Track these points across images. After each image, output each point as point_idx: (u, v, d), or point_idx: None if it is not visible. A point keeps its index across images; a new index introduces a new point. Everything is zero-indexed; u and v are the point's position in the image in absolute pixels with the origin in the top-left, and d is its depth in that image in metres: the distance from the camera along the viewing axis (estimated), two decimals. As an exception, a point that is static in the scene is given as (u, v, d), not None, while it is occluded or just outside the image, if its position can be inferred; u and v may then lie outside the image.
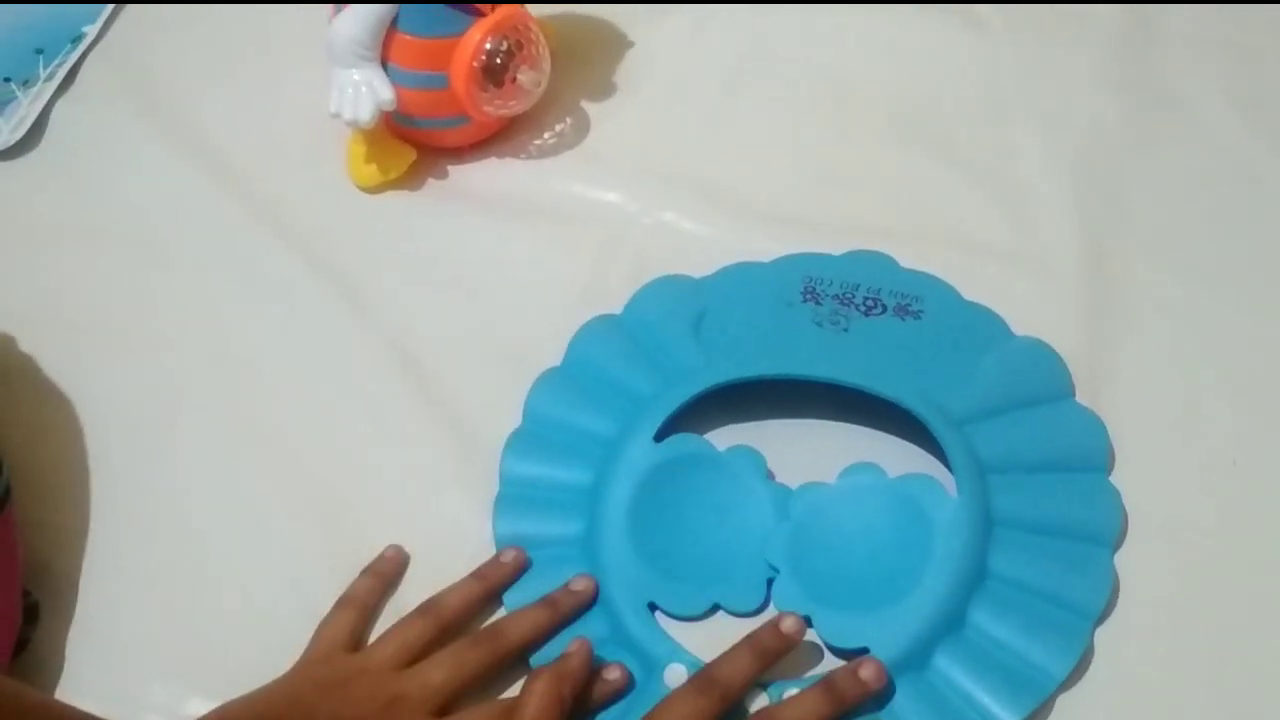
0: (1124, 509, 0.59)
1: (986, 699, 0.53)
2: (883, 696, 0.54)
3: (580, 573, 0.58)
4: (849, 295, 0.65)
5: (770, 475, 0.59)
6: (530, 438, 0.63)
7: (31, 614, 0.58)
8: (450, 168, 0.75)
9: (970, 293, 0.66)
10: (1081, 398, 0.63)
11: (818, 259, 0.67)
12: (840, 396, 0.61)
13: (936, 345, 0.63)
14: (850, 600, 0.56)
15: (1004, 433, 0.60)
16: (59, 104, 0.80)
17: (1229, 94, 0.75)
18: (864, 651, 0.54)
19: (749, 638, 0.54)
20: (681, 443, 0.60)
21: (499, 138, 0.75)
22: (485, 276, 0.70)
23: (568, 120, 0.77)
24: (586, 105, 0.77)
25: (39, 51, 0.82)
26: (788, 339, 0.64)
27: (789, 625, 0.54)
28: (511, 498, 0.61)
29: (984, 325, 0.65)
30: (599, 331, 0.66)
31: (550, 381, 0.65)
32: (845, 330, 0.63)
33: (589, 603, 0.57)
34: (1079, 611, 0.56)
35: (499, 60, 0.69)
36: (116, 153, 0.77)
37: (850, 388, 0.60)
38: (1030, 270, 0.68)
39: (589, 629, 0.57)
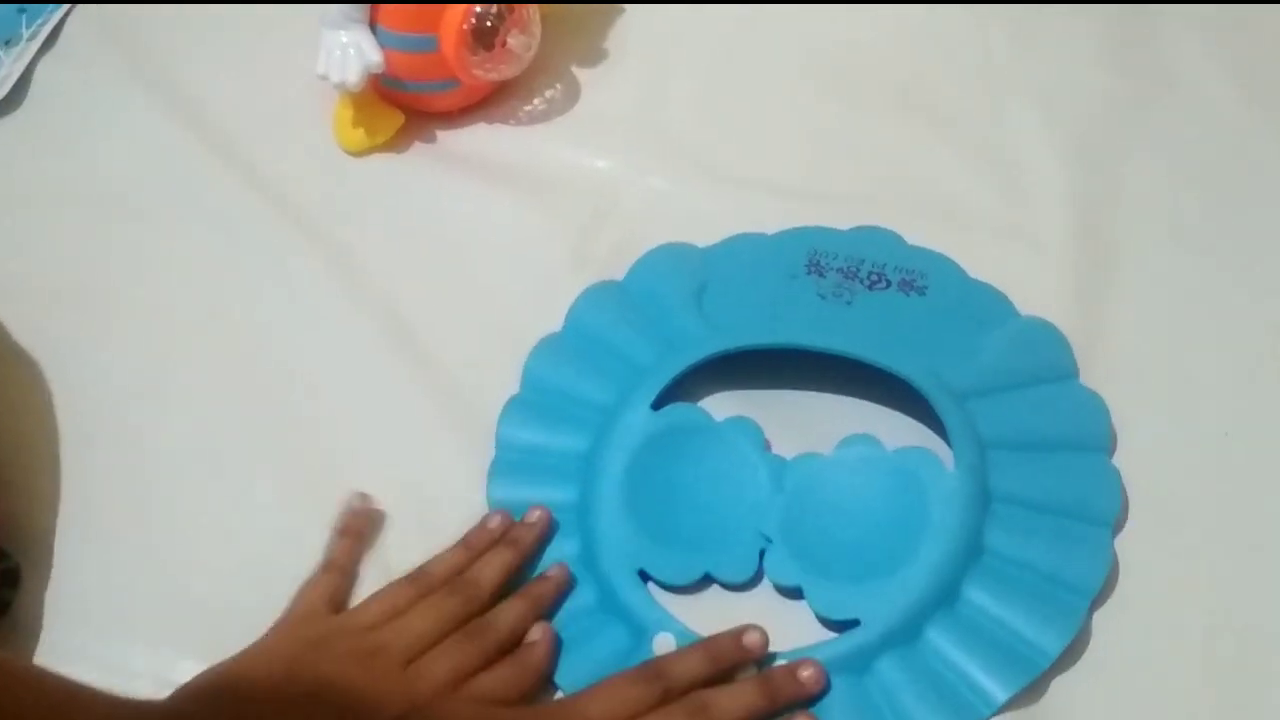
0: (1124, 490, 0.58)
1: (978, 673, 0.53)
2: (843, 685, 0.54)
3: (571, 538, 0.58)
4: (853, 269, 0.64)
5: (767, 446, 0.59)
6: (528, 405, 0.63)
7: (11, 577, 0.58)
8: (439, 132, 0.74)
9: (965, 266, 0.65)
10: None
11: (824, 233, 0.67)
12: (841, 369, 0.60)
13: (940, 321, 0.63)
14: (843, 572, 0.55)
15: (1005, 410, 0.59)
16: (42, 63, 0.79)
17: (1227, 68, 0.75)
18: (855, 624, 0.54)
19: (708, 641, 0.54)
20: (678, 412, 0.59)
21: (489, 103, 0.75)
22: (473, 242, 0.70)
23: (558, 86, 0.76)
24: (578, 71, 0.77)
25: (21, 10, 0.80)
26: (790, 310, 0.63)
27: (751, 639, 0.54)
28: (508, 463, 0.61)
29: (989, 303, 0.64)
30: (600, 298, 0.66)
31: (550, 348, 0.64)
32: (849, 304, 0.63)
33: (545, 534, 0.58)
34: (1075, 590, 0.55)
35: (489, 23, 0.68)
36: (101, 113, 0.76)
37: (851, 360, 0.59)
38: (1026, 245, 0.67)
39: (579, 595, 0.57)
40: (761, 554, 0.57)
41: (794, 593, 0.56)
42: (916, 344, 0.61)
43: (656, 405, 0.59)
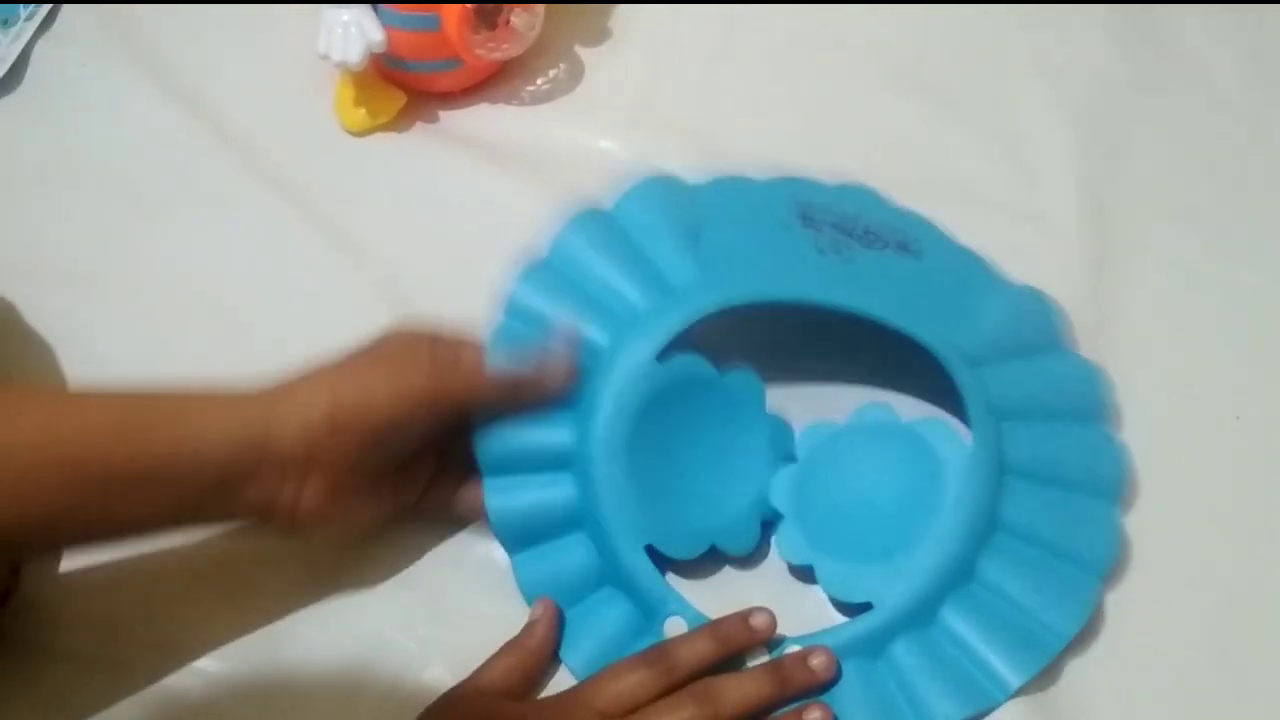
0: (1133, 466, 0.58)
1: (994, 658, 0.53)
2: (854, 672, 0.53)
3: (562, 486, 0.56)
4: (848, 225, 0.62)
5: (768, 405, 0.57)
6: (513, 335, 0.58)
7: (12, 568, 0.57)
8: (441, 112, 0.74)
9: (971, 244, 0.65)
10: (1083, 350, 0.62)
11: (807, 185, 0.64)
12: (843, 330, 0.58)
13: (939, 285, 0.61)
14: (855, 550, 0.55)
15: (1013, 379, 0.58)
16: (39, 44, 0.78)
17: (1232, 46, 0.75)
18: (867, 607, 0.54)
19: (715, 624, 0.54)
20: (683, 364, 0.56)
21: (491, 82, 0.74)
22: (475, 223, 0.69)
23: (561, 66, 0.75)
24: (580, 51, 0.76)
25: (19, -10, 0.80)
26: (792, 263, 0.60)
27: (759, 621, 0.53)
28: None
29: (979, 269, 0.63)
30: (589, 227, 0.62)
31: (535, 275, 0.61)
32: (849, 261, 0.60)
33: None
34: (1089, 569, 0.55)
35: (492, 2, 0.68)
36: (99, 94, 0.75)
37: (861, 320, 0.57)
38: (1031, 222, 0.67)
39: (580, 558, 0.56)
40: (766, 526, 0.56)
41: (805, 572, 0.56)
42: (920, 307, 0.58)
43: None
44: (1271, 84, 0.73)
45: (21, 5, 0.79)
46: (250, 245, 0.69)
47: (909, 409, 0.58)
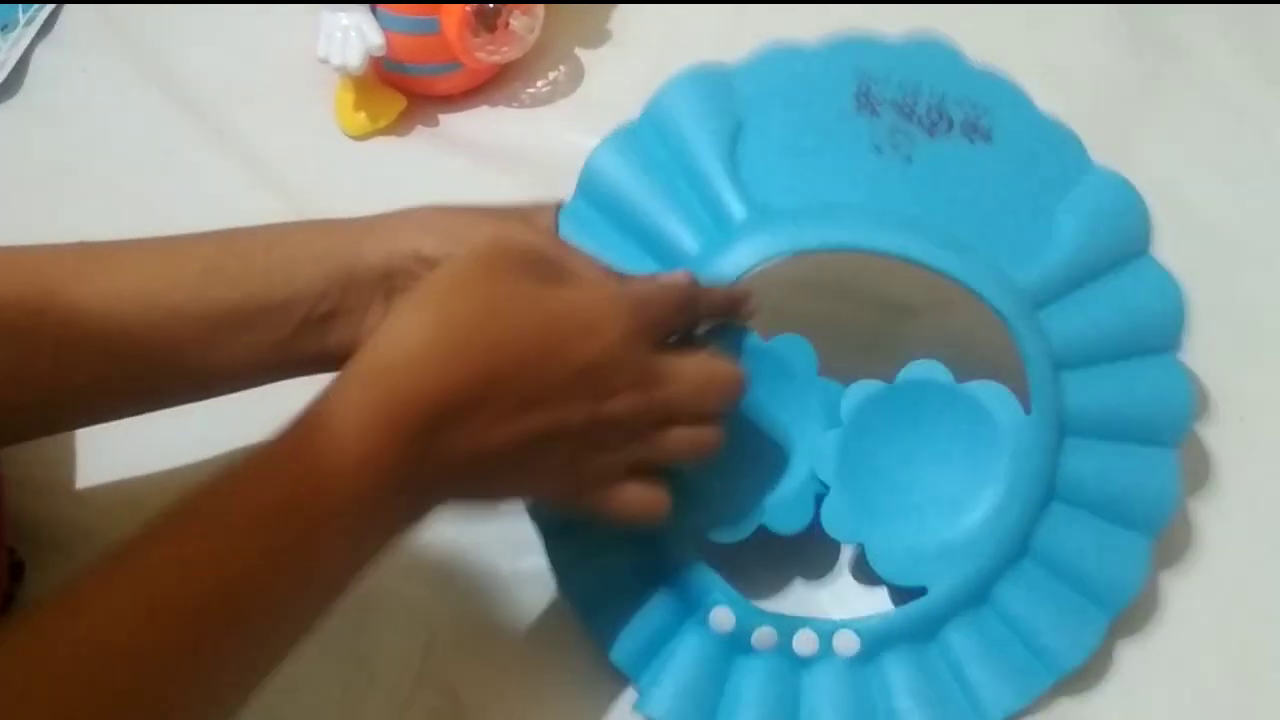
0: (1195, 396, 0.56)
1: (1049, 637, 0.51)
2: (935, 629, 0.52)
3: None
4: (909, 103, 0.55)
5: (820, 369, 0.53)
6: None
7: (16, 571, 0.57)
8: (441, 116, 0.74)
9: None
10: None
11: (872, 47, 0.57)
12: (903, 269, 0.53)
13: (1008, 183, 0.54)
14: (905, 526, 0.52)
15: (1079, 315, 0.53)
16: (39, 48, 0.78)
17: (1236, 45, 0.74)
18: (922, 592, 0.52)
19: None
20: (727, 336, 0.52)
21: (491, 85, 0.74)
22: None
23: (561, 68, 0.75)
24: (580, 53, 0.76)
25: (18, -5, 0.80)
26: (843, 177, 0.54)
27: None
28: None
29: (1061, 150, 0.56)
30: (621, 155, 0.57)
31: (571, 219, 0.57)
32: (908, 159, 0.54)
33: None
34: (1148, 526, 0.53)
35: (492, 5, 0.68)
36: (98, 98, 0.75)
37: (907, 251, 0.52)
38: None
39: (620, 549, 0.53)
40: (818, 501, 0.53)
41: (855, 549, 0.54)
42: (985, 224, 0.53)
43: None
44: (1274, 83, 0.73)
45: (20, 10, 0.79)
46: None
47: (963, 361, 0.53)
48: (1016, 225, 0.54)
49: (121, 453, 0.62)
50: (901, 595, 0.54)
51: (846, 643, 0.52)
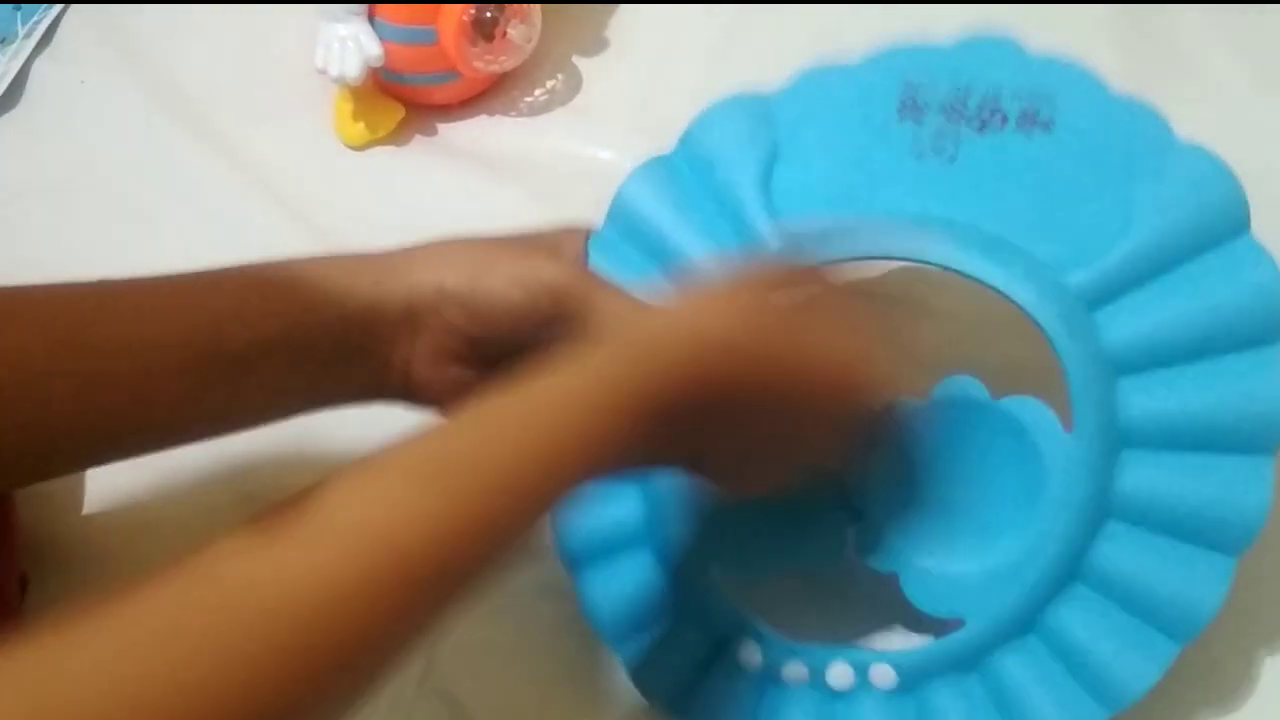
0: None
1: (1113, 662, 0.47)
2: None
3: (629, 498, 0.52)
4: (959, 103, 0.52)
5: None
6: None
7: (21, 585, 0.57)
8: (439, 125, 0.74)
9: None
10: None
11: (922, 54, 0.54)
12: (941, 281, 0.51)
13: (1072, 172, 0.50)
14: (942, 553, 0.49)
15: (1149, 309, 0.48)
16: (38, 61, 0.78)
17: (1236, 49, 0.74)
18: (960, 623, 0.48)
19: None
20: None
21: (489, 94, 0.74)
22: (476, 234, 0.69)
23: (559, 76, 0.75)
24: (579, 61, 0.76)
25: (16, 8, 0.80)
26: (876, 187, 0.52)
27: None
28: None
29: (1139, 131, 0.51)
30: (651, 186, 0.56)
31: (601, 247, 0.56)
32: (952, 159, 0.51)
33: None
34: (1225, 548, 0.47)
35: (489, 14, 0.68)
36: (98, 110, 0.75)
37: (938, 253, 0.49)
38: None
39: (646, 575, 0.52)
40: (851, 528, 0.50)
41: (890, 579, 0.51)
42: (1038, 220, 0.49)
43: None
44: (1275, 84, 0.73)
45: (20, 22, 0.79)
46: (249, 258, 0.68)
47: (1000, 373, 0.50)
48: (1078, 218, 0.49)
49: (129, 470, 0.61)
50: (942, 624, 0.50)
51: (883, 675, 0.49)
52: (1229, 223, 0.49)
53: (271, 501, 0.37)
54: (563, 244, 0.55)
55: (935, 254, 0.49)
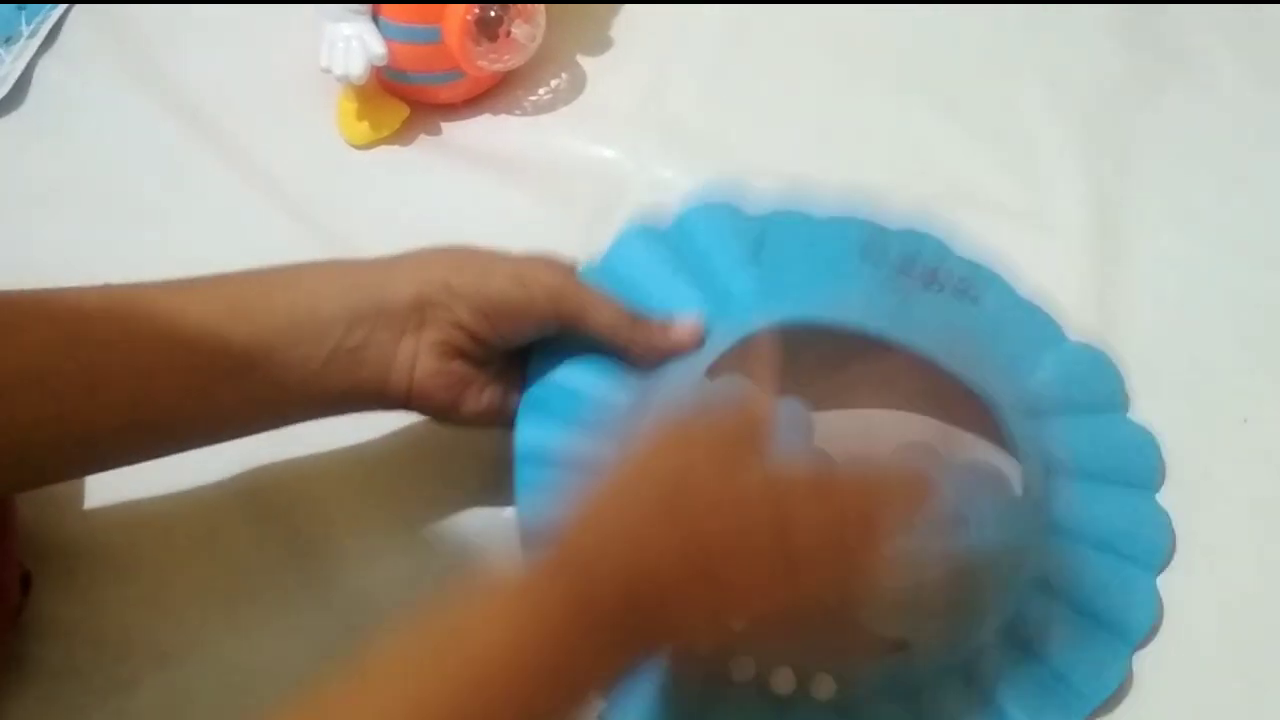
0: (1172, 532, 0.57)
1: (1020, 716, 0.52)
2: None
3: None
4: (907, 266, 0.60)
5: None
6: (564, 342, 0.56)
7: (24, 584, 0.57)
8: (443, 124, 0.74)
9: (977, 247, 0.63)
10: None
11: (870, 227, 0.61)
12: (892, 367, 0.56)
13: (994, 335, 0.59)
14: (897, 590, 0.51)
15: (1064, 435, 0.57)
16: (42, 61, 0.78)
17: (1237, 48, 0.74)
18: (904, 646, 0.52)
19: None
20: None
21: (493, 93, 0.74)
22: (479, 235, 0.67)
23: (564, 75, 0.75)
24: (583, 60, 0.76)
25: (20, 9, 0.80)
26: (849, 293, 0.58)
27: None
28: (538, 400, 0.56)
29: (1040, 323, 0.61)
30: (642, 240, 0.60)
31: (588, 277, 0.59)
32: (905, 301, 0.59)
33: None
34: (1122, 634, 0.54)
35: (493, 13, 0.68)
36: (102, 111, 0.75)
37: (914, 357, 0.55)
38: (1037, 225, 0.67)
39: None
40: None
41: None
42: (973, 354, 0.56)
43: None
44: (1276, 84, 0.73)
45: (24, 22, 0.79)
46: (254, 260, 0.68)
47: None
48: (998, 364, 0.57)
49: (130, 469, 0.62)
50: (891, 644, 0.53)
51: (824, 687, 0.52)
52: (1113, 396, 0.60)
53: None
54: (555, 257, 0.57)
55: (920, 345, 0.55)
